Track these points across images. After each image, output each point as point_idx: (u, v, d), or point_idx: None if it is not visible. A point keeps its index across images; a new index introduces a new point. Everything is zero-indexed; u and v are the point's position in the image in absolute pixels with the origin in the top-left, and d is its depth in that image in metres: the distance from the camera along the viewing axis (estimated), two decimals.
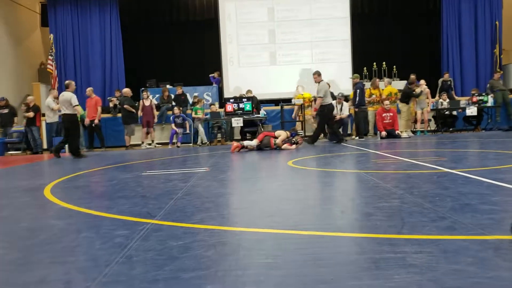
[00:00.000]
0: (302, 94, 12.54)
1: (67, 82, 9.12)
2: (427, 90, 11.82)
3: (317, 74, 9.57)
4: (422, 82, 11.87)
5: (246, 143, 8.33)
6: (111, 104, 12.85)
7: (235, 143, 8.45)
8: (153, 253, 1.99)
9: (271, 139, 8.25)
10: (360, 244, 2.02)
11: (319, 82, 9.45)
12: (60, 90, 13.49)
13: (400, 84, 12.49)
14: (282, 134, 8.41)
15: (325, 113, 9.41)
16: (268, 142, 8.24)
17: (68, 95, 8.66)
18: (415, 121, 11.95)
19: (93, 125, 11.66)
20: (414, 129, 12.06)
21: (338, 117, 10.56)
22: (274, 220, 2.58)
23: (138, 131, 11.86)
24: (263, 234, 2.28)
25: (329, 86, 9.90)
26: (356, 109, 10.93)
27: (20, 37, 14.74)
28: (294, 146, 8.39)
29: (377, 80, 12.22)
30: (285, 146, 8.28)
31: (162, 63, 16.55)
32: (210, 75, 14.39)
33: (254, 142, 8.27)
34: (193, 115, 11.68)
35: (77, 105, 8.76)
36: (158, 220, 2.67)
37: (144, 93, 11.99)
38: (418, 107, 11.71)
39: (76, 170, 6.17)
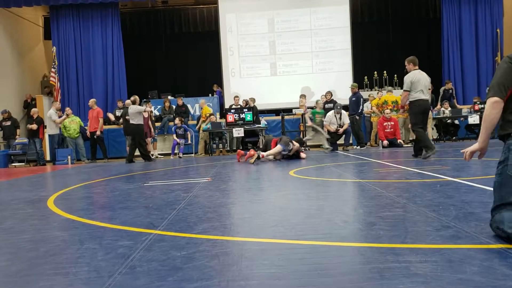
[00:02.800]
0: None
1: (133, 98, 10.56)
2: None
3: (407, 61, 7.37)
4: None
5: (264, 153, 8.02)
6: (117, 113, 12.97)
7: (252, 151, 8.15)
8: (156, 263, 1.99)
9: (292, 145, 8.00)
10: (363, 254, 2.00)
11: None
12: (63, 102, 13.63)
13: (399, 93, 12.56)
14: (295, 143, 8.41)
15: (413, 112, 7.27)
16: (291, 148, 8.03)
17: (136, 108, 10.25)
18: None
19: (95, 136, 11.70)
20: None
21: (341, 130, 10.56)
22: (277, 230, 2.57)
23: None
24: (266, 244, 2.27)
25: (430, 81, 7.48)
26: (358, 117, 11.12)
27: (23, 50, 14.88)
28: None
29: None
30: (303, 155, 8.27)
31: (163, 74, 16.71)
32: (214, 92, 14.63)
33: (273, 151, 7.95)
34: (316, 117, 10.62)
35: (145, 111, 10.50)
36: (161, 230, 2.66)
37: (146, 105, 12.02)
38: None
39: (79, 181, 6.18)
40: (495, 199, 2.16)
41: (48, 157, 12.53)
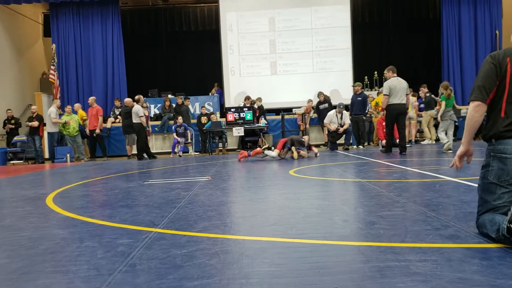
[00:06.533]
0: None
1: (137, 97, 10.78)
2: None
3: (387, 70, 8.77)
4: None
5: (267, 152, 8.19)
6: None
7: (258, 149, 8.34)
8: (157, 261, 1.99)
9: (295, 150, 8.10)
10: (364, 253, 2.01)
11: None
12: (62, 100, 13.61)
13: None
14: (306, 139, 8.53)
15: (387, 114, 8.43)
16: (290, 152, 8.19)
17: (136, 108, 10.44)
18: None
19: (94, 134, 11.69)
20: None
21: (341, 129, 10.55)
22: (277, 228, 2.57)
23: None
24: (266, 243, 2.27)
25: (408, 87, 8.50)
26: (364, 118, 11.16)
27: (22, 47, 14.85)
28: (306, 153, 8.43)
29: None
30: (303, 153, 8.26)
31: (164, 73, 16.69)
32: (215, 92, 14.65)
33: (275, 153, 8.14)
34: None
35: (142, 116, 10.39)
36: (161, 228, 2.67)
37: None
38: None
39: (78, 179, 6.18)
40: (478, 201, 2.25)
41: (46, 155, 12.51)
